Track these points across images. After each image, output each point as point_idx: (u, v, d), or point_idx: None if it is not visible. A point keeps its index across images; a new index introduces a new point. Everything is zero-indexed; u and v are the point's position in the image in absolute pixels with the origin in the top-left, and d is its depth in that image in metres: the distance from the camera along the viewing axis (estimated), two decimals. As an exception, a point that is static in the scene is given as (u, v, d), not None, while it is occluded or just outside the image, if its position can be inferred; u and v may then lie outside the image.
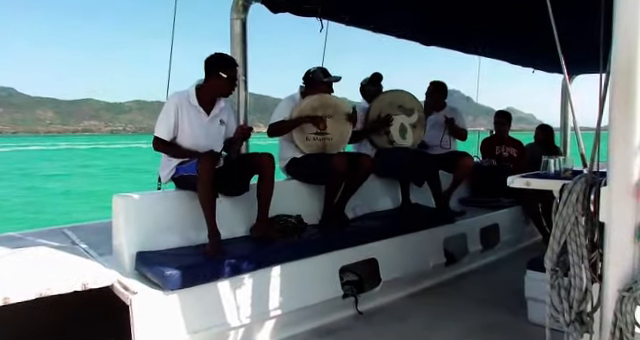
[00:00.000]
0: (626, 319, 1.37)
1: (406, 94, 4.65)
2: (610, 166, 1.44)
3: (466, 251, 4.47)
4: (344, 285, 3.37)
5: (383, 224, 3.95)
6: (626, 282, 1.41)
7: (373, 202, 4.35)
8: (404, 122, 4.55)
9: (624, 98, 1.40)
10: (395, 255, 3.71)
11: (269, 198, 3.22)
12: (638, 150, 1.40)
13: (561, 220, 1.57)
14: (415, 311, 3.45)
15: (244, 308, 2.89)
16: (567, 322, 1.55)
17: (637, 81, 1.38)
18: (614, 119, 1.43)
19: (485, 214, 4.85)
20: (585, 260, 1.54)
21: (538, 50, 4.33)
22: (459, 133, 4.99)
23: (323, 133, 3.86)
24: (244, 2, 3.80)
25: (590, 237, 1.56)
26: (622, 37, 1.39)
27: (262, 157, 3.21)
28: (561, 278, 1.60)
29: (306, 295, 3.15)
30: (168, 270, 2.60)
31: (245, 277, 2.90)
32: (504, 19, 4.21)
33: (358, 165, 3.71)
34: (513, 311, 3.29)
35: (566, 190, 1.57)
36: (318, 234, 3.48)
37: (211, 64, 3.16)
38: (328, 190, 3.66)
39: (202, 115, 3.19)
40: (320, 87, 3.87)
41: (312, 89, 3.88)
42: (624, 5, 1.38)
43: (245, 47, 3.92)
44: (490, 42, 5.47)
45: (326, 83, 3.88)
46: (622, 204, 1.42)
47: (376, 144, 4.45)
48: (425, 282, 3.93)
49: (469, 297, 3.74)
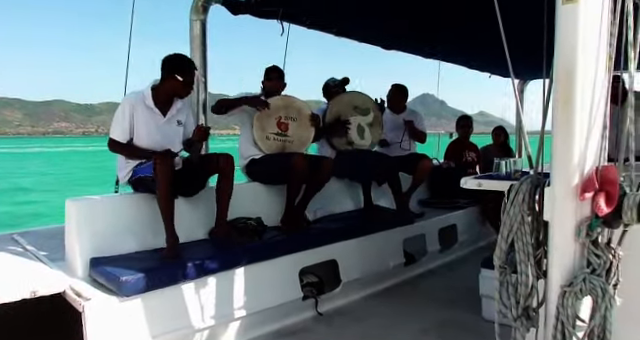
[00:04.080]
0: (567, 313, 1.44)
1: (362, 95, 4.72)
2: (553, 167, 1.51)
3: (425, 251, 4.56)
4: (304, 287, 3.39)
5: (343, 225, 3.99)
6: (568, 278, 1.48)
7: (334, 204, 4.38)
8: (361, 122, 4.61)
9: (565, 103, 1.46)
10: (355, 256, 3.76)
11: (228, 199, 3.20)
12: (578, 152, 1.47)
13: (508, 219, 1.63)
14: (375, 311, 3.50)
15: (203, 312, 2.86)
16: (514, 317, 1.61)
17: (577, 87, 1.45)
18: (556, 122, 1.49)
19: (443, 215, 4.96)
20: (531, 257, 1.59)
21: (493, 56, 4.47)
22: (419, 136, 5.11)
23: (284, 134, 3.88)
24: (204, 3, 3.77)
25: (536, 235, 1.62)
26: (563, 45, 1.46)
27: (221, 157, 3.19)
28: (509, 275, 1.66)
29: (266, 297, 3.15)
30: (123, 275, 2.55)
31: (204, 280, 2.88)
32: (460, 26, 4.34)
33: (319, 168, 3.74)
34: (469, 308, 3.38)
35: (513, 191, 1.63)
36: (278, 236, 3.48)
37: (168, 66, 3.13)
38: (289, 191, 3.67)
39: (158, 116, 3.15)
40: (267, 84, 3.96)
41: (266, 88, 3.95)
42: (564, 16, 1.45)
43: (205, 48, 3.88)
44: (448, 48, 5.61)
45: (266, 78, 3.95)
46: (564, 203, 1.49)
47: (335, 146, 4.48)
48: (385, 282, 3.99)
49: (427, 296, 3.82)
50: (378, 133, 4.77)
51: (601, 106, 1.50)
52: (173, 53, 3.18)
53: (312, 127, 4.03)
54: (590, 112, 1.47)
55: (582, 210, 1.47)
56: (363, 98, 4.69)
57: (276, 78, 3.96)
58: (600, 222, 1.44)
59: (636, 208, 1.40)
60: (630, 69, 1.46)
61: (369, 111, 4.66)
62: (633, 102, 1.52)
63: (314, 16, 4.20)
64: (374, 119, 4.70)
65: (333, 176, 4.25)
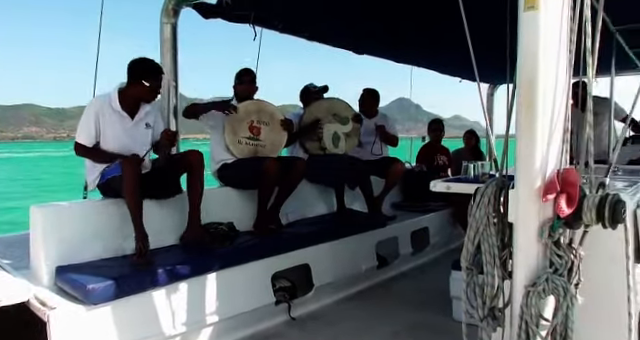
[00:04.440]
0: (531, 312, 1.47)
1: (342, 103, 4.73)
2: (516, 170, 1.54)
3: (397, 254, 4.60)
4: (277, 291, 3.38)
5: (316, 229, 3.99)
6: (532, 278, 1.51)
7: (307, 208, 4.38)
8: (338, 130, 4.62)
9: (527, 107, 1.50)
10: (328, 260, 3.76)
11: (200, 197, 3.17)
12: (540, 155, 1.51)
13: (475, 221, 1.66)
14: (347, 315, 3.51)
15: (175, 318, 2.82)
16: (481, 317, 1.64)
17: (538, 92, 1.49)
18: (519, 126, 1.53)
19: (415, 218, 5.02)
20: (496, 259, 1.63)
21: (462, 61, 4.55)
22: (390, 139, 5.16)
23: (256, 138, 3.87)
24: (174, 6, 3.74)
25: (501, 237, 1.66)
26: (525, 51, 1.50)
27: (190, 154, 3.17)
28: (476, 276, 1.69)
29: (239, 302, 3.13)
30: (90, 283, 2.49)
31: (175, 286, 2.84)
32: (430, 31, 4.41)
33: (291, 168, 3.74)
34: (440, 310, 3.42)
35: (479, 193, 1.67)
36: (250, 241, 3.46)
37: (134, 71, 3.09)
38: (261, 195, 3.65)
39: (125, 119, 3.10)
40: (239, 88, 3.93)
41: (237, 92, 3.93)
42: (526, 23, 1.49)
43: (176, 52, 3.86)
44: (418, 53, 5.69)
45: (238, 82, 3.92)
46: (527, 205, 1.52)
47: (308, 151, 4.49)
48: (358, 285, 4.01)
49: (399, 299, 3.85)
50: (353, 144, 4.80)
51: (562, 110, 1.54)
52: (139, 57, 3.14)
53: (284, 131, 4.02)
54: (552, 116, 1.51)
55: (545, 212, 1.51)
56: (343, 106, 4.71)
57: (248, 82, 3.95)
58: (562, 223, 1.48)
59: (595, 209, 1.44)
60: (589, 75, 1.51)
61: (348, 121, 4.69)
62: (592, 107, 1.56)
63: (286, 20, 4.21)
64: (352, 130, 4.73)
65: (306, 180, 4.27)
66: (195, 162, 3.13)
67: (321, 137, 4.50)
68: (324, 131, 4.51)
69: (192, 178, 3.15)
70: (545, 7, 1.46)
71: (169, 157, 3.27)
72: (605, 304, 1.67)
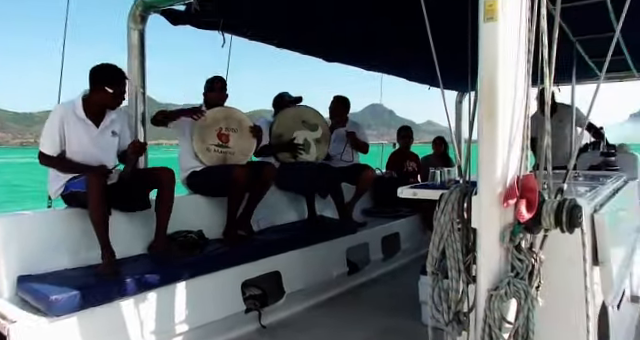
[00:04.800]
0: (494, 316, 1.50)
1: (310, 110, 4.76)
2: (479, 176, 1.58)
3: (368, 260, 4.63)
4: (247, 299, 3.35)
5: (287, 236, 3.98)
6: (494, 282, 1.55)
7: (278, 215, 4.37)
8: (308, 137, 4.64)
9: (488, 115, 1.54)
10: (299, 267, 3.76)
11: (168, 213, 3.15)
12: (501, 162, 1.55)
13: (439, 227, 1.69)
14: (318, 322, 3.51)
15: (143, 329, 2.77)
16: (446, 322, 1.67)
17: (499, 100, 1.53)
18: (480, 134, 1.57)
19: (386, 224, 5.06)
20: (461, 264, 1.66)
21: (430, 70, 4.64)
22: (361, 146, 5.21)
23: (225, 146, 3.84)
24: (141, 12, 3.70)
25: (465, 242, 1.69)
26: (485, 60, 1.55)
27: (161, 172, 3.14)
28: (441, 281, 1.72)
29: (208, 311, 3.09)
30: (54, 293, 2.43)
31: (143, 296, 2.79)
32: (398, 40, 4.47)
33: (261, 174, 3.73)
34: (410, 315, 3.45)
35: (443, 199, 1.70)
36: (220, 249, 3.44)
37: (96, 77, 3.03)
38: (230, 202, 3.63)
39: (91, 127, 3.04)
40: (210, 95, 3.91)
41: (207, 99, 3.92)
42: (486, 33, 1.54)
43: (144, 58, 3.81)
44: (388, 61, 5.76)
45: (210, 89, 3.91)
46: (490, 211, 1.56)
47: (279, 159, 4.49)
48: (329, 292, 4.01)
49: (370, 304, 3.87)
50: (324, 149, 4.81)
51: (522, 118, 1.59)
52: (101, 63, 3.09)
53: (253, 138, 4.01)
54: (511, 124, 1.56)
55: (506, 217, 1.55)
56: (311, 113, 4.73)
57: (219, 89, 3.93)
58: (522, 228, 1.53)
59: (553, 214, 1.49)
60: (546, 84, 1.56)
61: (317, 127, 4.71)
62: (549, 114, 1.61)
63: (255, 27, 4.21)
64: (322, 136, 4.75)
65: (277, 188, 4.26)
66: (165, 180, 3.11)
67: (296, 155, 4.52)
68: (294, 138, 4.52)
69: (162, 195, 3.13)
70: (504, 18, 1.51)
71: (135, 169, 3.22)
72: (564, 306, 1.72)
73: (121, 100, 3.13)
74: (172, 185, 3.16)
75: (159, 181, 3.11)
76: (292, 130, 4.53)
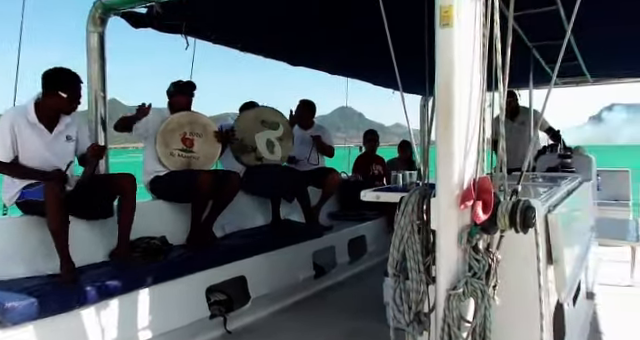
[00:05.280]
0: (453, 315, 1.54)
1: (268, 109, 4.73)
2: (437, 179, 1.62)
3: (335, 263, 4.65)
4: (212, 305, 3.32)
5: (252, 241, 3.96)
6: (453, 282, 1.59)
7: (243, 219, 4.35)
8: (270, 137, 4.61)
9: (445, 119, 1.58)
10: (264, 271, 3.74)
11: (130, 220, 3.10)
12: (458, 164, 1.59)
13: (399, 229, 1.72)
14: (283, 326, 3.50)
15: (105, 337, 2.71)
16: (407, 322, 1.70)
17: (455, 104, 1.57)
18: (438, 137, 1.61)
19: (352, 227, 5.10)
20: (421, 265, 1.69)
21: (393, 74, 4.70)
22: (326, 150, 5.23)
23: (189, 150, 3.80)
24: (101, 15, 3.62)
25: (425, 244, 1.73)
26: (441, 65, 1.59)
27: (123, 179, 3.10)
28: (402, 282, 1.74)
29: (172, 318, 3.05)
30: (9, 301, 2.34)
31: (105, 304, 2.73)
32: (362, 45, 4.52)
33: (226, 183, 3.70)
34: (375, 316, 3.47)
35: (403, 202, 1.73)
36: (184, 255, 3.39)
37: (49, 81, 2.94)
38: (194, 208, 3.59)
39: (44, 133, 2.95)
40: (177, 99, 3.84)
41: (173, 103, 3.85)
42: (442, 38, 1.58)
43: (104, 62, 3.73)
44: (353, 65, 5.82)
45: (179, 91, 3.84)
46: (448, 213, 1.60)
47: (244, 162, 4.46)
48: (295, 296, 4.01)
49: (337, 307, 3.89)
50: (288, 147, 4.80)
51: (477, 122, 1.64)
52: (54, 67, 2.99)
53: (218, 144, 3.97)
54: (467, 128, 1.60)
55: (463, 218, 1.60)
56: (270, 112, 4.71)
57: (189, 94, 3.88)
58: (479, 229, 1.57)
59: (508, 215, 1.53)
60: (500, 89, 1.61)
61: (278, 125, 4.69)
62: (503, 119, 1.66)
63: (218, 31, 4.19)
64: (284, 133, 4.73)
65: (242, 192, 4.23)
66: (128, 187, 3.07)
67: (255, 147, 4.48)
68: (256, 140, 4.49)
69: (124, 202, 3.09)
70: (459, 25, 1.55)
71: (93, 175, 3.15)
72: (520, 304, 1.77)
73: (76, 105, 3.05)
74: (134, 192, 3.12)
75: (121, 189, 3.07)
76: (253, 132, 4.50)
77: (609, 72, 6.82)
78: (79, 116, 3.27)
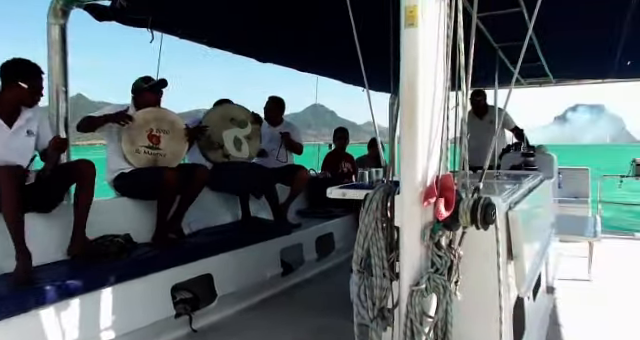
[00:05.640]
0: (415, 310, 1.56)
1: (236, 106, 4.69)
2: (401, 176, 1.64)
3: (302, 260, 4.65)
4: (177, 304, 3.27)
5: (219, 238, 3.93)
6: (416, 278, 1.61)
7: (211, 217, 4.31)
8: (238, 134, 4.57)
9: (409, 117, 1.60)
10: (231, 269, 3.72)
11: (87, 209, 3.00)
12: (422, 162, 1.61)
13: (364, 226, 1.73)
14: (250, 324, 3.49)
15: (65, 338, 2.63)
16: (370, 318, 1.71)
17: (419, 103, 1.59)
18: (402, 135, 1.63)
19: (320, 224, 5.11)
20: (385, 261, 1.71)
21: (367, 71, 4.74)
22: (295, 147, 5.22)
23: (156, 147, 3.72)
24: (63, 7, 3.51)
25: (389, 240, 1.75)
26: (406, 64, 1.60)
27: (80, 164, 3.00)
28: (366, 279, 1.76)
29: (135, 317, 2.99)
30: (-39, 303, 2.26)
31: (65, 304, 2.65)
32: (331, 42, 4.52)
33: (192, 177, 3.66)
34: (342, 313, 3.48)
35: (368, 199, 1.74)
36: (149, 253, 3.33)
37: (8, 72, 2.85)
38: (160, 205, 3.53)
39: (2, 128, 2.85)
40: (146, 96, 3.74)
41: (140, 100, 3.74)
42: (407, 38, 1.60)
43: (65, 55, 3.62)
44: (322, 62, 5.82)
45: (150, 90, 3.75)
46: (411, 210, 1.62)
47: (211, 159, 4.41)
48: (262, 294, 4.00)
49: (304, 304, 3.89)
50: (256, 145, 4.77)
51: (441, 120, 1.66)
52: (13, 58, 2.90)
53: (186, 140, 3.91)
54: (431, 126, 1.63)
55: (426, 215, 1.62)
56: (239, 110, 4.67)
57: (157, 91, 3.79)
58: (441, 226, 1.60)
59: (470, 212, 1.56)
60: (463, 89, 1.64)
61: (246, 123, 4.65)
62: (466, 118, 1.69)
63: (185, 26, 4.13)
64: (252, 131, 4.70)
65: (209, 189, 4.19)
66: (85, 172, 2.96)
67: (222, 144, 4.44)
68: (224, 137, 4.45)
69: (81, 189, 2.98)
70: (423, 25, 1.57)
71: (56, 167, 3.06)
72: (481, 299, 1.81)
73: (38, 97, 2.96)
74: (93, 179, 3.01)
75: (79, 174, 2.96)
76: (221, 129, 4.45)
77: (571, 73, 7.04)
78: (40, 111, 3.17)
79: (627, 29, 4.19)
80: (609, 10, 3.80)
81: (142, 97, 3.75)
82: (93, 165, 3.01)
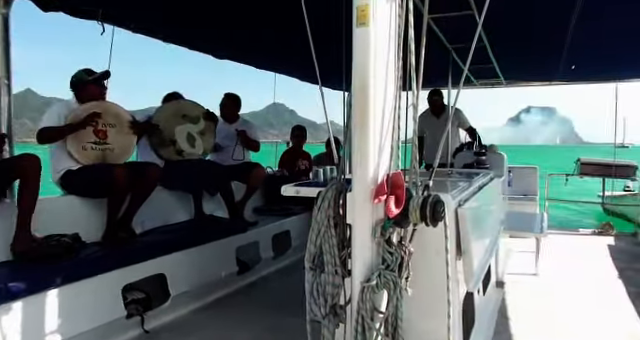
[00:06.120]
0: (366, 306, 1.58)
1: (188, 102, 4.59)
2: (353, 174, 1.65)
3: (259, 258, 4.62)
4: (129, 304, 3.19)
5: (173, 237, 3.85)
6: (367, 274, 1.63)
7: (164, 215, 4.21)
8: (191, 131, 4.47)
9: (360, 115, 1.62)
10: (185, 268, 3.65)
11: (32, 206, 2.88)
12: (373, 160, 1.63)
13: (316, 224, 1.74)
14: (205, 324, 3.44)
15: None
16: (323, 315, 1.72)
17: (370, 102, 1.61)
18: (354, 134, 1.64)
19: (277, 222, 5.09)
20: (337, 258, 1.73)
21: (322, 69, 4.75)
22: (252, 145, 5.18)
23: (103, 143, 3.59)
24: (5, -5, 3.36)
25: (342, 237, 1.76)
26: (358, 63, 1.62)
27: (23, 158, 2.87)
28: (319, 276, 1.77)
29: (84, 319, 2.89)
30: None
31: (7, 307, 2.53)
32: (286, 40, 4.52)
33: (145, 175, 3.56)
34: (298, 311, 3.48)
35: (320, 197, 1.75)
36: (99, 252, 3.23)
37: None
38: (110, 204, 3.42)
39: None
40: (90, 89, 3.58)
41: (83, 94, 3.58)
42: (358, 37, 1.61)
43: (8, 46, 3.44)
44: (278, 60, 5.80)
45: (94, 82, 3.59)
46: (362, 207, 1.64)
47: (164, 157, 4.31)
48: (217, 293, 3.95)
49: (260, 303, 3.87)
50: (211, 141, 4.70)
51: (392, 119, 1.69)
52: None
53: (134, 134, 3.80)
54: (382, 125, 1.65)
55: (377, 213, 1.64)
56: (190, 105, 4.57)
57: (102, 84, 3.65)
58: (392, 223, 1.62)
59: (419, 209, 1.59)
60: (413, 89, 1.67)
61: (199, 119, 4.57)
62: (417, 117, 1.72)
63: (138, 20, 4.02)
64: (206, 127, 4.62)
65: (163, 187, 4.10)
66: (29, 167, 2.84)
67: (175, 140, 4.35)
68: (176, 134, 4.36)
69: (24, 185, 2.85)
70: (375, 25, 1.59)
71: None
72: (430, 294, 1.85)
73: None
74: (37, 174, 2.88)
75: (21, 169, 2.84)
76: (173, 126, 4.35)
77: (520, 76, 7.29)
78: None
79: (571, 34, 4.38)
80: (555, 15, 3.96)
81: (86, 91, 3.58)
82: (38, 160, 2.88)
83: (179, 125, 4.37)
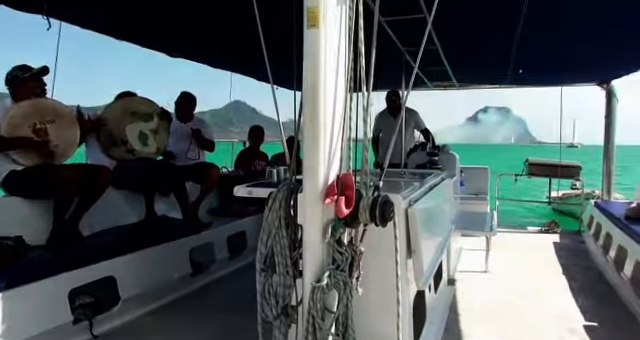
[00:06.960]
0: (317, 306, 1.59)
1: (139, 99, 4.48)
2: (304, 175, 1.66)
3: (213, 260, 4.56)
4: (76, 309, 3.08)
5: (123, 239, 3.75)
6: (318, 275, 1.64)
7: (114, 216, 4.09)
8: (143, 129, 4.36)
9: (311, 116, 1.63)
10: (136, 270, 3.56)
11: None
12: (324, 161, 1.64)
13: (267, 224, 1.74)
14: (158, 327, 3.37)
15: None
16: (274, 316, 1.72)
17: (320, 102, 1.62)
18: (305, 135, 1.65)
19: (232, 222, 5.04)
20: (288, 259, 1.73)
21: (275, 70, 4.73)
22: (206, 144, 5.11)
23: (46, 141, 3.44)
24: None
25: (294, 238, 1.76)
26: (308, 64, 1.62)
27: None
28: (270, 277, 1.77)
29: (24, 326, 2.77)
30: None
31: None
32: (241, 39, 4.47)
33: (94, 178, 3.45)
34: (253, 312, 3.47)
35: (271, 197, 1.75)
36: (44, 256, 3.12)
37: None
38: (56, 206, 3.30)
39: None
40: (27, 85, 3.42)
41: (21, 91, 3.42)
42: (309, 38, 1.62)
43: None
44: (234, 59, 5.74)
45: (31, 78, 3.44)
46: (313, 208, 1.65)
47: (114, 156, 4.19)
48: (170, 295, 3.87)
49: (214, 304, 3.82)
50: (164, 139, 4.59)
51: (342, 120, 1.70)
52: None
53: (76, 126, 3.63)
54: (333, 126, 1.66)
55: (328, 213, 1.65)
56: (143, 103, 4.44)
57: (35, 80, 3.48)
58: (342, 223, 1.64)
59: (369, 209, 1.62)
60: (364, 90, 1.69)
61: (152, 117, 4.46)
62: (368, 119, 1.75)
63: (87, 15, 3.89)
64: (159, 125, 4.51)
65: (113, 187, 3.98)
66: None
67: (126, 140, 4.23)
68: (127, 132, 4.24)
69: None
70: (325, 26, 1.60)
71: None
72: (380, 293, 1.88)
73: None
74: None
75: None
76: (123, 124, 4.23)
77: (472, 79, 7.50)
78: None
79: (518, 40, 4.54)
80: (501, 22, 4.09)
81: (23, 88, 3.42)
82: None
83: (130, 124, 4.26)
